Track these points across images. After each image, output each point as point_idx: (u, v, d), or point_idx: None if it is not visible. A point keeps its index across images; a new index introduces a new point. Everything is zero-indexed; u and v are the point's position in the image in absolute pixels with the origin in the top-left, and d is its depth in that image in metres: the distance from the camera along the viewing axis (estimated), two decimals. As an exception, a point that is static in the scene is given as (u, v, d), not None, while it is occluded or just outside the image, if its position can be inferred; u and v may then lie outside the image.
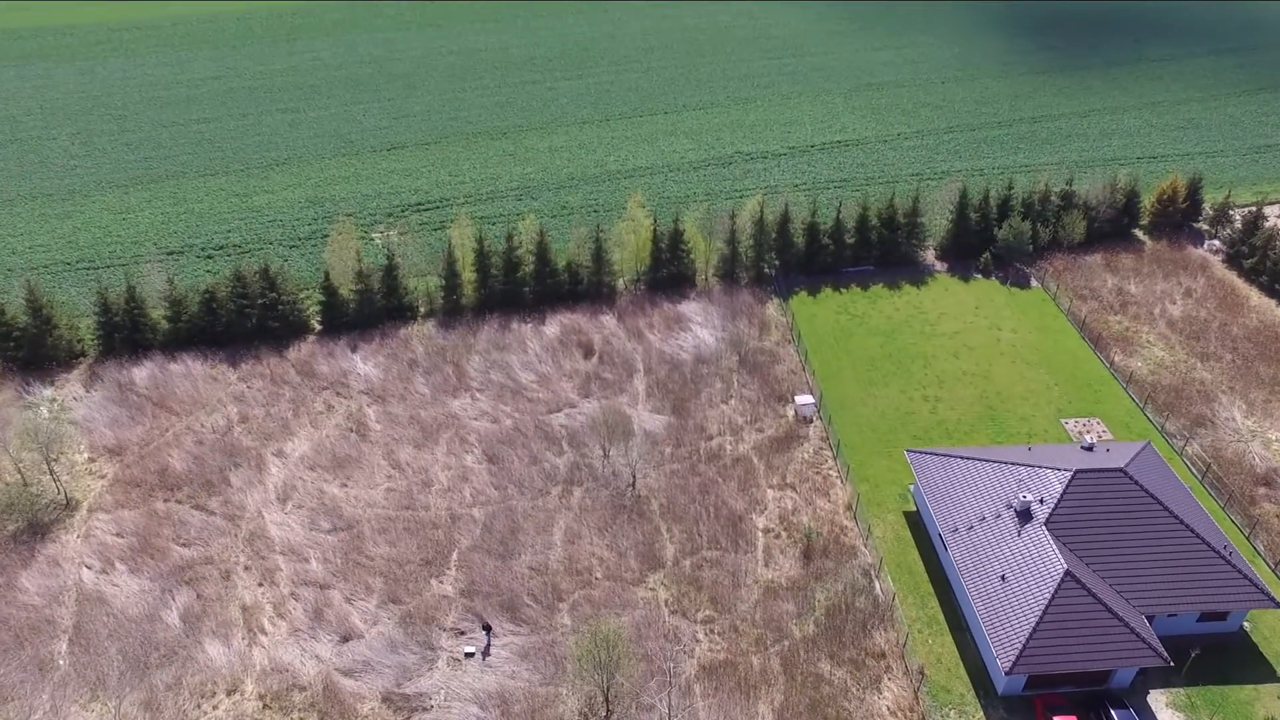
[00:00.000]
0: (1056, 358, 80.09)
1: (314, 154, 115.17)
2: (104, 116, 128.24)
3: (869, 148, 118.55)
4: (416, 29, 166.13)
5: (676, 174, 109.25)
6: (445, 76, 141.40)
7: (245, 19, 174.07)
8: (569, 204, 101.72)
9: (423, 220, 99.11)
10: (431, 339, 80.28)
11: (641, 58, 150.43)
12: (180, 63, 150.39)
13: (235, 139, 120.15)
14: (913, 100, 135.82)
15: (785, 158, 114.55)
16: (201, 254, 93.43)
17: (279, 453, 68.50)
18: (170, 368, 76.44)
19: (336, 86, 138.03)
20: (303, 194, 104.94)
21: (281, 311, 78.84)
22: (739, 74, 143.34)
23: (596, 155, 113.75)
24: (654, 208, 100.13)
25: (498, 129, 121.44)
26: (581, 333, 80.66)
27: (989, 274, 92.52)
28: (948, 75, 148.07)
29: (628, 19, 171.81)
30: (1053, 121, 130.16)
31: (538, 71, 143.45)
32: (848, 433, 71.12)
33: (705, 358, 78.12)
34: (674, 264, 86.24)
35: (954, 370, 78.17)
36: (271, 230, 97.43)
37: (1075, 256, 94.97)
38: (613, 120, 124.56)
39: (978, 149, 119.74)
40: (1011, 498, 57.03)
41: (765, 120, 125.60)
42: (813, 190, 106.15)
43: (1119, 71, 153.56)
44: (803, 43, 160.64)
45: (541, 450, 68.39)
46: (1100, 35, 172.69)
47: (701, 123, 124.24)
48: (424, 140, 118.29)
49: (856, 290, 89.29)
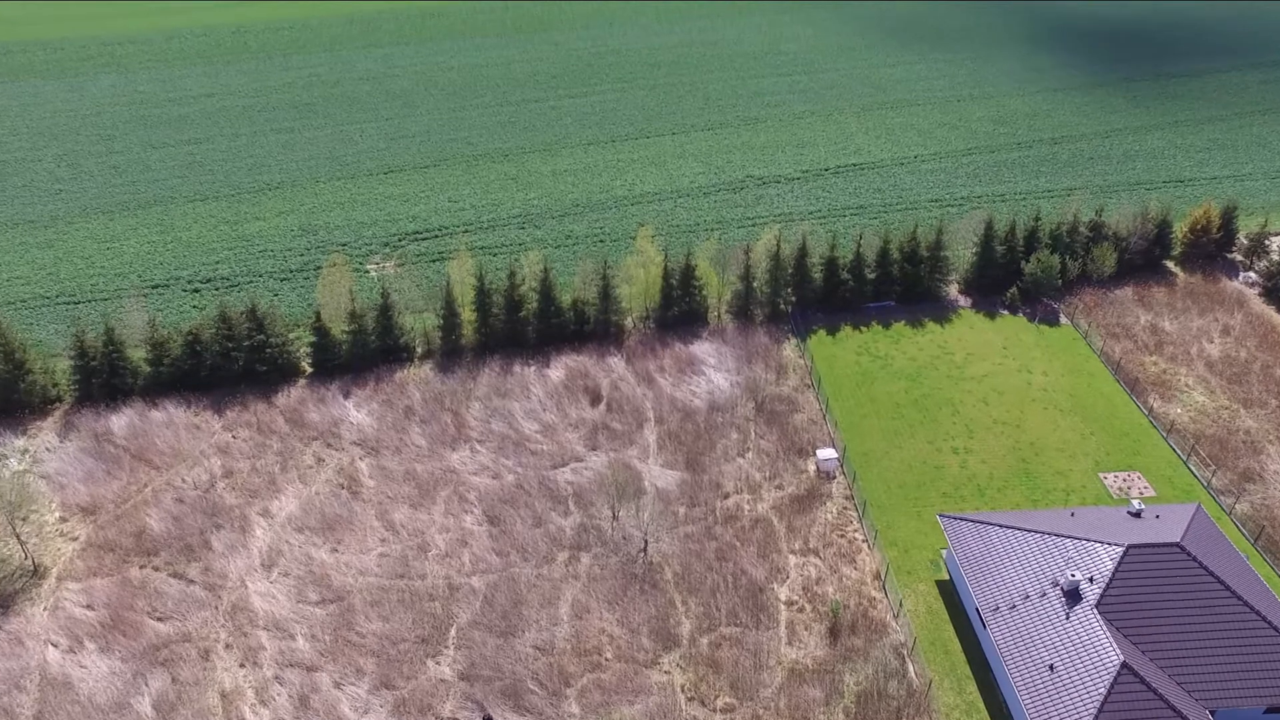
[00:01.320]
0: (1091, 404, 75.52)
1: (308, 177, 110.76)
2: (92, 136, 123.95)
3: (885, 171, 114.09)
4: (416, 44, 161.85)
5: (686, 200, 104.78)
6: (445, 94, 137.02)
7: (241, 33, 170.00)
8: (574, 233, 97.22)
9: (420, 250, 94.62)
10: (429, 383, 75.74)
11: (647, 74, 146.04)
12: (172, 79, 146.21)
13: (227, 161, 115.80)
14: (928, 120, 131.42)
15: (798, 182, 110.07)
16: (188, 287, 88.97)
17: (265, 512, 63.92)
18: (151, 415, 71.87)
19: (333, 105, 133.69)
20: (295, 221, 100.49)
21: (270, 355, 74.33)
22: (749, 92, 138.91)
23: (602, 179, 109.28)
24: (664, 237, 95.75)
25: (499, 151, 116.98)
26: (588, 377, 76.10)
27: (1016, 310, 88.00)
28: (963, 93, 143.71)
29: (633, 34, 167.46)
30: (1073, 143, 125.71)
31: (541, 89, 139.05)
32: (873, 489, 66.52)
33: (720, 405, 73.53)
34: (685, 301, 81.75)
35: (984, 418, 73.59)
36: (262, 261, 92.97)
37: (1105, 290, 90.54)
38: (619, 141, 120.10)
39: (998, 172, 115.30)
40: (1058, 574, 52.41)
41: (777, 142, 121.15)
42: (828, 218, 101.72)
43: (1139, 88, 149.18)
44: (813, 59, 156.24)
45: (546, 510, 63.79)
46: (1118, 50, 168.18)
47: (711, 144, 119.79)
48: (422, 163, 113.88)
49: (878, 328, 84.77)
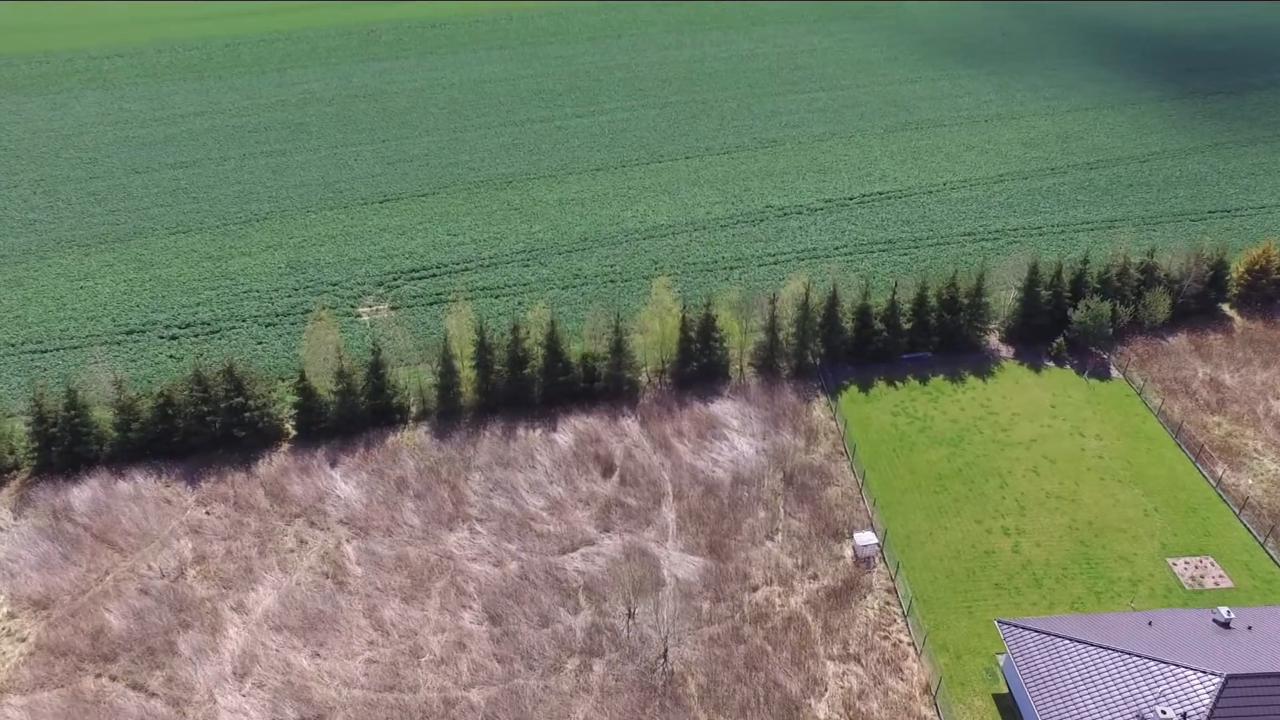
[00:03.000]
0: (1152, 473, 68.51)
1: (299, 206, 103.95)
2: (71, 160, 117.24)
3: (913, 200, 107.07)
4: (416, 57, 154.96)
5: (702, 233, 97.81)
6: (446, 113, 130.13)
7: (234, 46, 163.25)
8: (582, 271, 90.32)
9: (417, 292, 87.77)
10: (424, 450, 68.89)
11: (658, 91, 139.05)
12: (160, 96, 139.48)
13: (213, 188, 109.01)
14: (955, 142, 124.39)
15: (821, 213, 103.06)
16: (165, 333, 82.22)
17: (239, 606, 57.13)
18: (117, 487, 65.08)
19: (327, 125, 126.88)
20: (283, 257, 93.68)
21: (249, 418, 67.51)
22: (765, 111, 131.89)
23: (612, 210, 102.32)
24: (679, 277, 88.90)
25: (502, 177, 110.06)
26: (599, 442, 69.21)
27: (1063, 361, 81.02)
28: (989, 112, 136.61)
29: (642, 47, 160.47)
30: (1109, 168, 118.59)
31: (547, 107, 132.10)
32: (919, 580, 59.58)
33: (745, 477, 66.61)
34: (705, 355, 74.84)
35: (1035, 492, 66.61)
36: (246, 303, 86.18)
37: (1158, 339, 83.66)
38: (629, 166, 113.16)
39: (1032, 201, 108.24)
40: (1144, 708, 45.43)
41: (796, 167, 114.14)
42: (854, 254, 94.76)
43: (1173, 107, 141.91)
44: (831, 74, 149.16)
45: (554, 606, 56.95)
46: (1149, 65, 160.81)
47: (727, 169, 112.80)
48: (420, 190, 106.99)
49: (914, 383, 77.81)
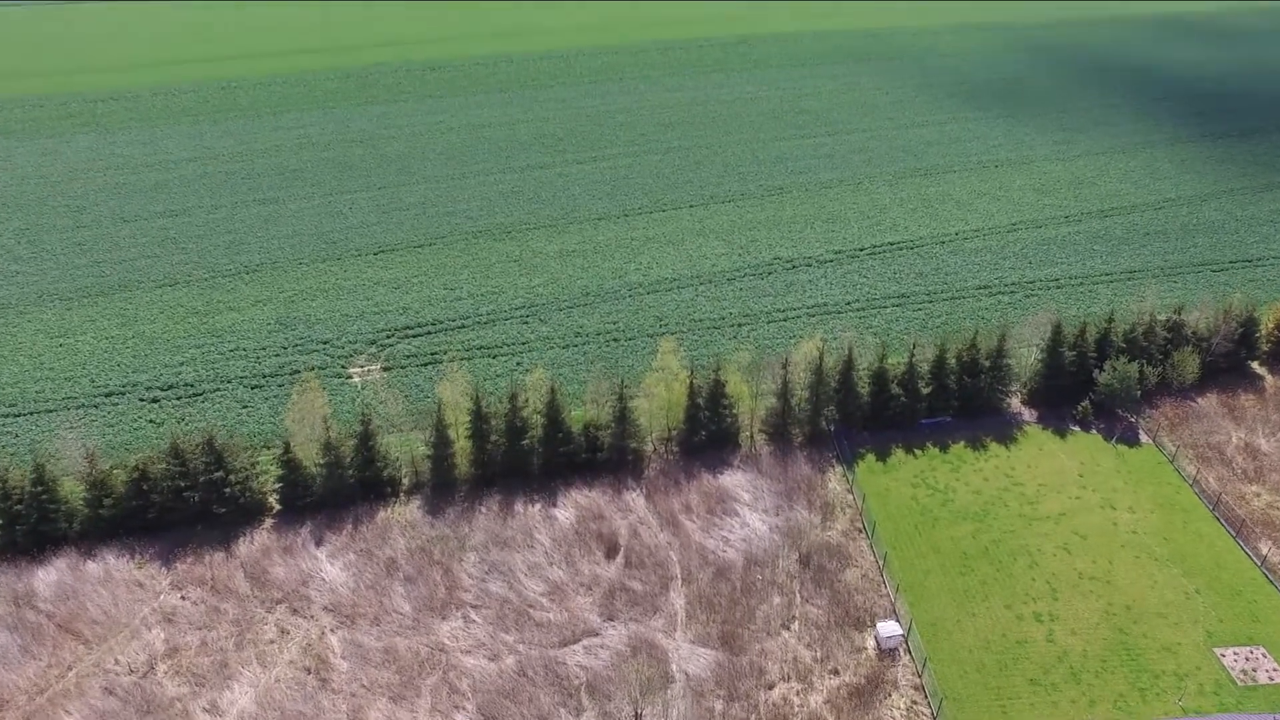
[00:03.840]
0: (1191, 551, 64.32)
1: (290, 258, 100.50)
2: (59, 208, 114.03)
3: (925, 251, 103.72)
4: (414, 100, 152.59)
5: (709, 287, 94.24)
6: (444, 159, 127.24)
7: (231, 88, 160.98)
8: (584, 329, 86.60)
9: (411, 351, 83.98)
10: (416, 527, 64.69)
11: (661, 136, 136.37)
12: (154, 140, 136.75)
13: (203, 238, 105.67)
14: (966, 189, 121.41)
15: (831, 265, 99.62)
16: (146, 395, 78.30)
17: (212, 707, 52.64)
18: (85, 569, 60.82)
19: (323, 171, 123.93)
20: (273, 312, 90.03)
21: (230, 493, 63.39)
22: (770, 157, 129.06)
23: (615, 262, 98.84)
24: (685, 335, 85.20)
25: (501, 227, 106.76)
26: (602, 518, 65.03)
27: (1089, 426, 77.07)
28: (999, 156, 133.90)
29: (644, 90, 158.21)
30: (1124, 215, 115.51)
31: (547, 153, 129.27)
32: (947, 675, 55.17)
33: (758, 557, 62.37)
34: (714, 422, 70.88)
35: (1067, 572, 62.36)
36: (232, 363, 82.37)
37: (1186, 400, 79.88)
38: (632, 215, 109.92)
39: (1047, 252, 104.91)
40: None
41: (804, 215, 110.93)
42: (866, 310, 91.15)
43: (1185, 150, 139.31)
44: (836, 118, 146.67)
45: (554, 706, 52.48)
46: (1158, 108, 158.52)
47: (733, 218, 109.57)
48: (417, 241, 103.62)
49: (934, 451, 73.77)
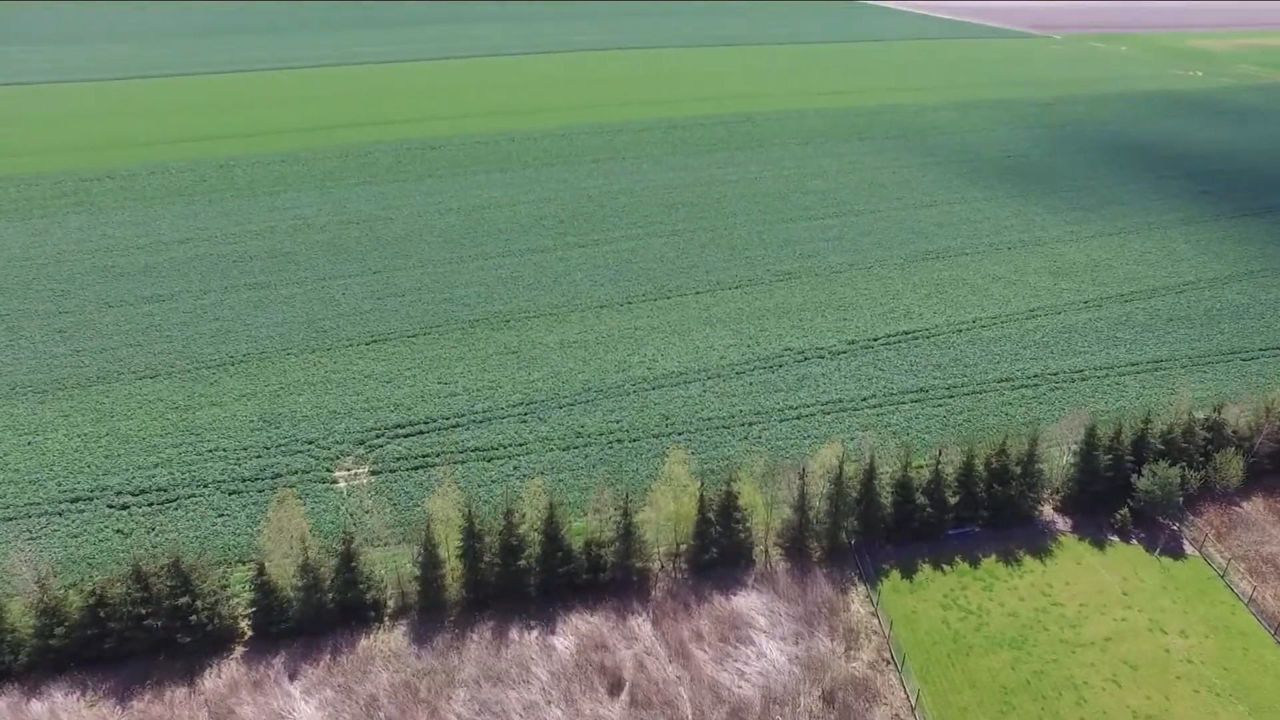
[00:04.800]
0: (1255, 683, 58.36)
1: (278, 348, 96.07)
2: (43, 292, 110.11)
3: (942, 340, 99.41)
4: (414, 180, 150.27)
5: (716, 382, 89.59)
6: (441, 242, 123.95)
7: (228, 166, 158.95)
8: (585, 429, 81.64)
9: (401, 452, 78.89)
10: (401, 658, 58.77)
11: (665, 217, 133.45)
12: (146, 220, 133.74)
13: (189, 324, 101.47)
14: (979, 273, 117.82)
15: (844, 356, 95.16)
16: (115, 501, 72.96)
17: None
18: (28, 710, 54.78)
19: (317, 254, 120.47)
20: (256, 408, 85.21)
21: (196, 621, 57.70)
22: (777, 239, 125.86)
23: (618, 354, 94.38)
24: (692, 437, 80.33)
25: (499, 315, 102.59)
26: (605, 649, 59.16)
27: (1128, 536, 71.63)
28: (1012, 238, 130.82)
29: (647, 169, 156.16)
30: (1145, 300, 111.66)
31: (548, 235, 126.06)
32: (995, 841, 48.95)
33: (776, 694, 56.38)
34: (726, 536, 65.47)
35: (1119, 709, 56.30)
36: (210, 465, 77.23)
37: (1232, 506, 74.70)
38: (635, 303, 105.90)
39: (1069, 340, 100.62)
40: None
41: (814, 303, 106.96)
42: (884, 406, 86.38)
43: (1199, 230, 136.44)
44: (843, 198, 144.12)
45: None
46: (1166, 186, 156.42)
47: (740, 307, 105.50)
48: (411, 330, 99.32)
49: (963, 566, 68.15)
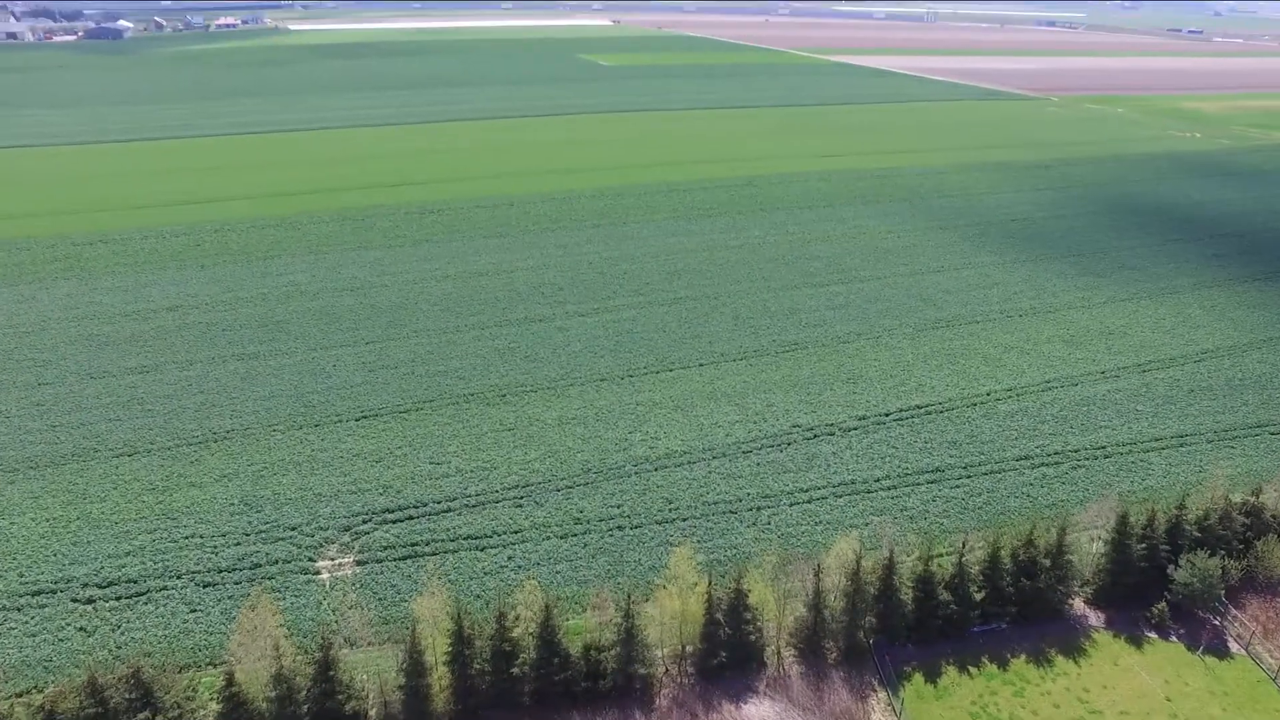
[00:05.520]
0: (1318, 808, 53.15)
1: (263, 424, 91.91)
2: (24, 362, 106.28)
3: (957, 415, 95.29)
4: (410, 245, 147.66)
5: (722, 462, 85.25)
6: (437, 310, 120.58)
7: (223, 230, 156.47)
8: (584, 514, 77.09)
9: (389, 540, 74.19)
10: (379, 779, 53.74)
11: (667, 285, 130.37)
12: (136, 286, 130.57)
13: (173, 397, 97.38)
14: (991, 342, 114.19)
15: (855, 433, 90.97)
16: (80, 595, 68.11)
17: None
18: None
19: (309, 323, 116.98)
20: (238, 490, 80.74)
21: (155, 738, 52.71)
22: (782, 308, 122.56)
23: (618, 432, 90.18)
24: (697, 524, 75.79)
25: (495, 390, 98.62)
26: (604, 768, 54.14)
27: (1167, 632, 66.76)
28: (1022, 305, 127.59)
29: (648, 235, 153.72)
30: (1163, 370, 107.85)
31: (546, 304, 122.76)
32: None
33: (794, 823, 51.22)
34: (735, 638, 60.60)
35: (1174, 840, 51.09)
36: (185, 553, 72.51)
37: (1277, 598, 69.82)
38: (636, 376, 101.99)
39: (1088, 413, 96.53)
40: None
41: (822, 375, 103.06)
42: (899, 488, 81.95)
43: (1213, 296, 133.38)
44: (849, 264, 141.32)
45: None
46: (1176, 250, 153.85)
47: (746, 380, 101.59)
48: (403, 405, 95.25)
49: (991, 668, 63.11)
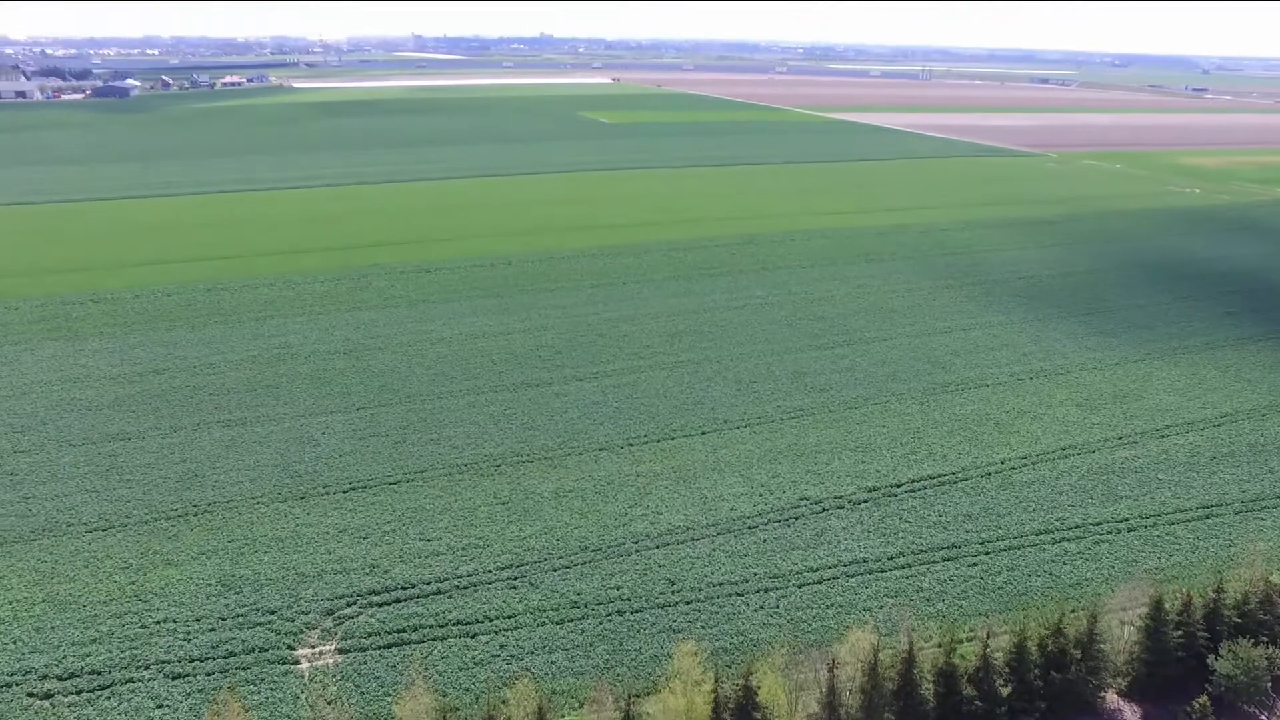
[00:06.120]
0: None
1: (247, 496, 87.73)
2: (1, 428, 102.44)
3: (971, 485, 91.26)
4: (406, 306, 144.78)
5: (727, 538, 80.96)
6: (431, 374, 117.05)
7: (216, 290, 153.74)
8: (582, 597, 72.60)
9: (374, 626, 69.51)
10: None
11: (667, 347, 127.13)
12: (124, 348, 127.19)
13: (154, 466, 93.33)
14: (1003, 406, 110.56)
15: (865, 506, 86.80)
16: (37, 689, 63.31)
17: None
18: None
19: (299, 387, 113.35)
20: (216, 569, 76.29)
21: None
22: (787, 371, 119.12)
23: (618, 505, 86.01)
24: (702, 608, 71.32)
25: (489, 460, 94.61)
26: None
27: (1209, 730, 62.02)
28: (1032, 367, 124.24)
29: (648, 295, 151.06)
30: (1182, 435, 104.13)
31: (544, 367, 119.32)
32: None
33: None
34: (744, 740, 55.96)
35: None
36: (155, 640, 67.82)
37: (1323, 691, 65.14)
38: (637, 445, 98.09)
39: (1107, 483, 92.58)
40: None
41: (830, 443, 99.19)
42: (913, 567, 77.61)
43: (1228, 357, 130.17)
44: (853, 325, 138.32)
45: None
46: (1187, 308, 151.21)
47: (750, 449, 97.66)
48: (393, 477, 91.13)
49: (1023, 773, 58.40)
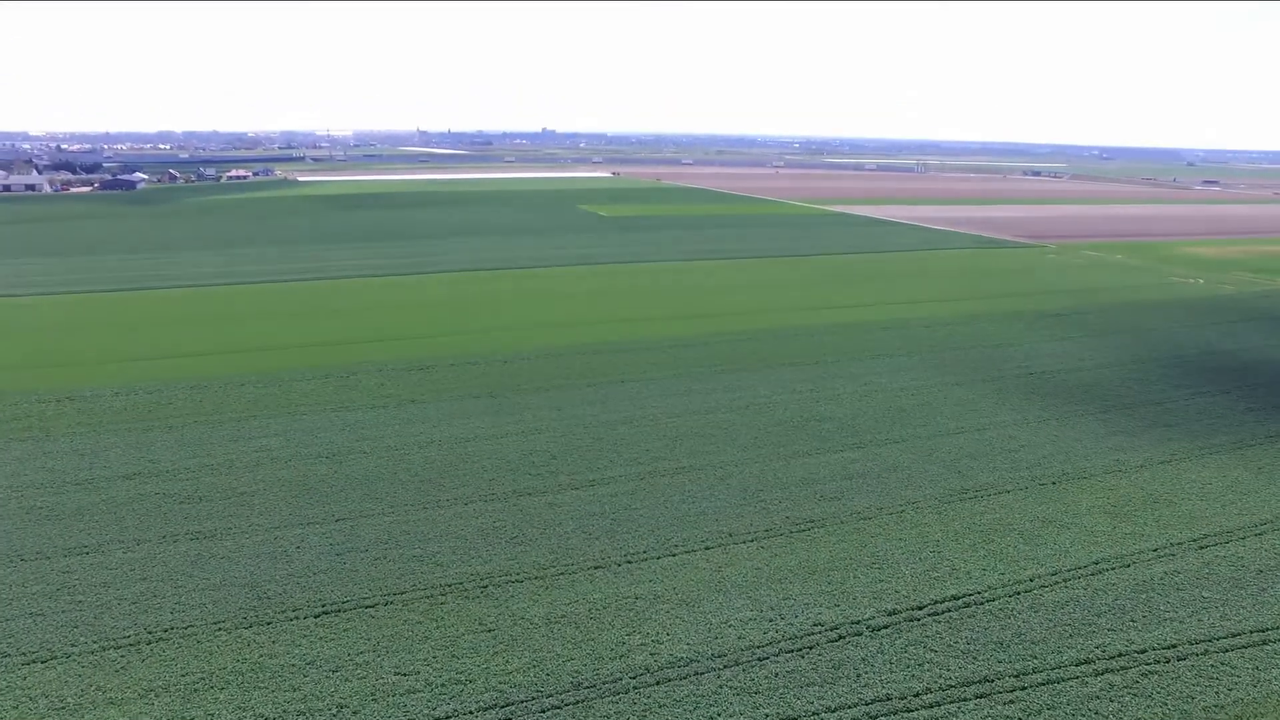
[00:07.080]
0: None
1: (208, 620, 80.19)
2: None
3: (999, 607, 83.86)
4: (395, 406, 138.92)
5: (734, 672, 73.22)
6: (417, 482, 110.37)
7: (199, 388, 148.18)
8: (572, 745, 64.93)
9: (335, 781, 61.83)
10: None
11: (668, 453, 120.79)
12: (95, 450, 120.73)
13: (110, 586, 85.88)
14: (1026, 515, 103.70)
15: (886, 633, 79.28)
16: None
17: None
18: None
19: (275, 495, 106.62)
20: (165, 710, 68.15)
21: None
22: (795, 478, 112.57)
23: (615, 633, 78.44)
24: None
25: (475, 579, 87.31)
26: None
27: None
28: (1054, 470, 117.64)
29: (648, 395, 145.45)
30: (1221, 546, 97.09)
31: (537, 475, 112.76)
32: None
33: None
34: None
35: None
36: (87, 801, 59.92)
37: None
38: (635, 562, 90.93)
39: (1148, 602, 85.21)
40: None
41: (844, 559, 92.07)
42: (942, 705, 69.64)
43: (1259, 456, 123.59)
44: (862, 426, 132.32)
45: None
46: (1205, 404, 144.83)
47: (758, 565, 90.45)
48: (370, 599, 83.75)
49: None
